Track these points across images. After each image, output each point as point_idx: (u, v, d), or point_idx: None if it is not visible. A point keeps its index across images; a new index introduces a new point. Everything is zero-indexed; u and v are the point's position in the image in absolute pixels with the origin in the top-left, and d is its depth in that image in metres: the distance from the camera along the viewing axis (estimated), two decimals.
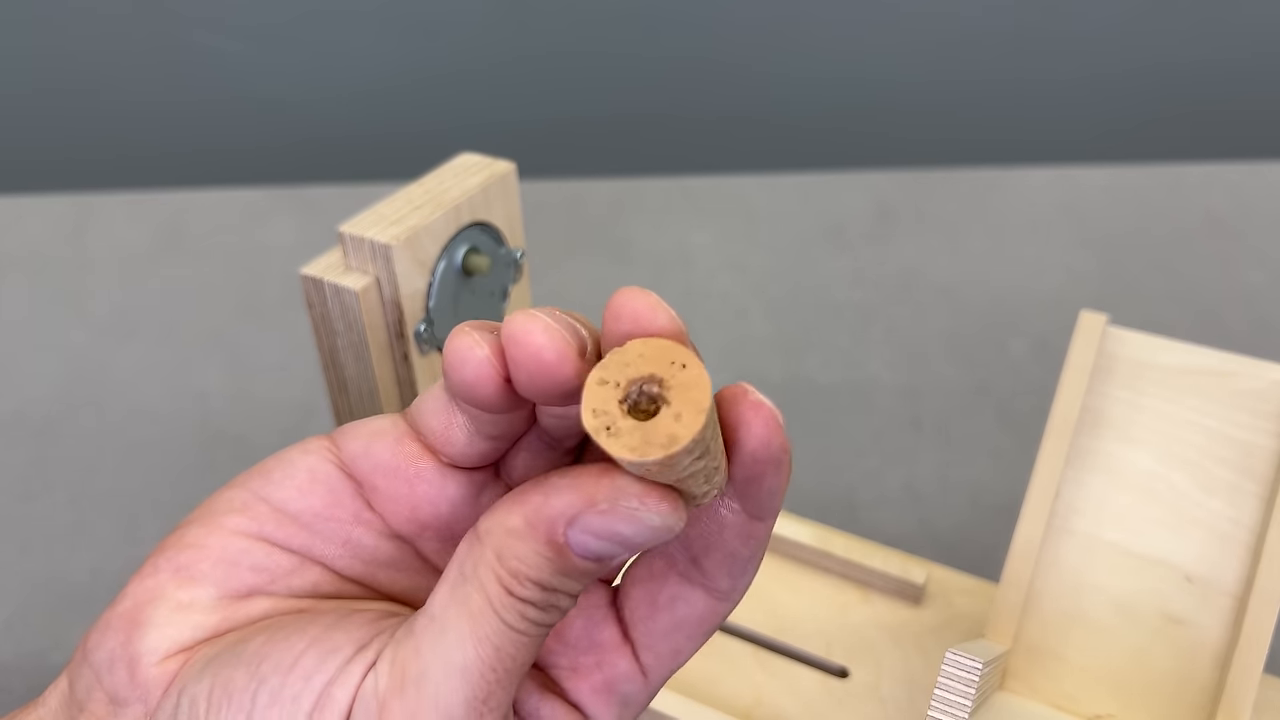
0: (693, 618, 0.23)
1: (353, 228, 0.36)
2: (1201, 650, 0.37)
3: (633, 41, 1.01)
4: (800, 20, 1.00)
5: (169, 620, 0.21)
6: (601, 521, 0.19)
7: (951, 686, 0.33)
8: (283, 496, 0.23)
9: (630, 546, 0.19)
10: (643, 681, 0.23)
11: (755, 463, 0.20)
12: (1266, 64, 1.02)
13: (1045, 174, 0.89)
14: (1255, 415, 0.37)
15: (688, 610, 0.23)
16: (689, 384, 0.18)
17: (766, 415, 0.20)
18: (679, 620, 0.23)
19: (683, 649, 0.23)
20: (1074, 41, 1.01)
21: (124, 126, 1.03)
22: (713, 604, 0.23)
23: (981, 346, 0.68)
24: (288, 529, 0.23)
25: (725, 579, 0.22)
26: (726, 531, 0.22)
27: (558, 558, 0.19)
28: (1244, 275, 0.75)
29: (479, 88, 1.03)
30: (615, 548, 0.19)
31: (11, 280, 0.77)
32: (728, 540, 0.22)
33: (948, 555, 0.52)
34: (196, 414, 0.63)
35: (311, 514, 0.23)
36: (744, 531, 0.22)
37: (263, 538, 0.23)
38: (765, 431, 0.20)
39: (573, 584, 0.20)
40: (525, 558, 0.19)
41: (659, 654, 0.23)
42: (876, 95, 1.04)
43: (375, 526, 0.23)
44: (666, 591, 0.23)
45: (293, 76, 1.01)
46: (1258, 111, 1.04)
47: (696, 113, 1.05)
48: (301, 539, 0.23)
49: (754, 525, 0.22)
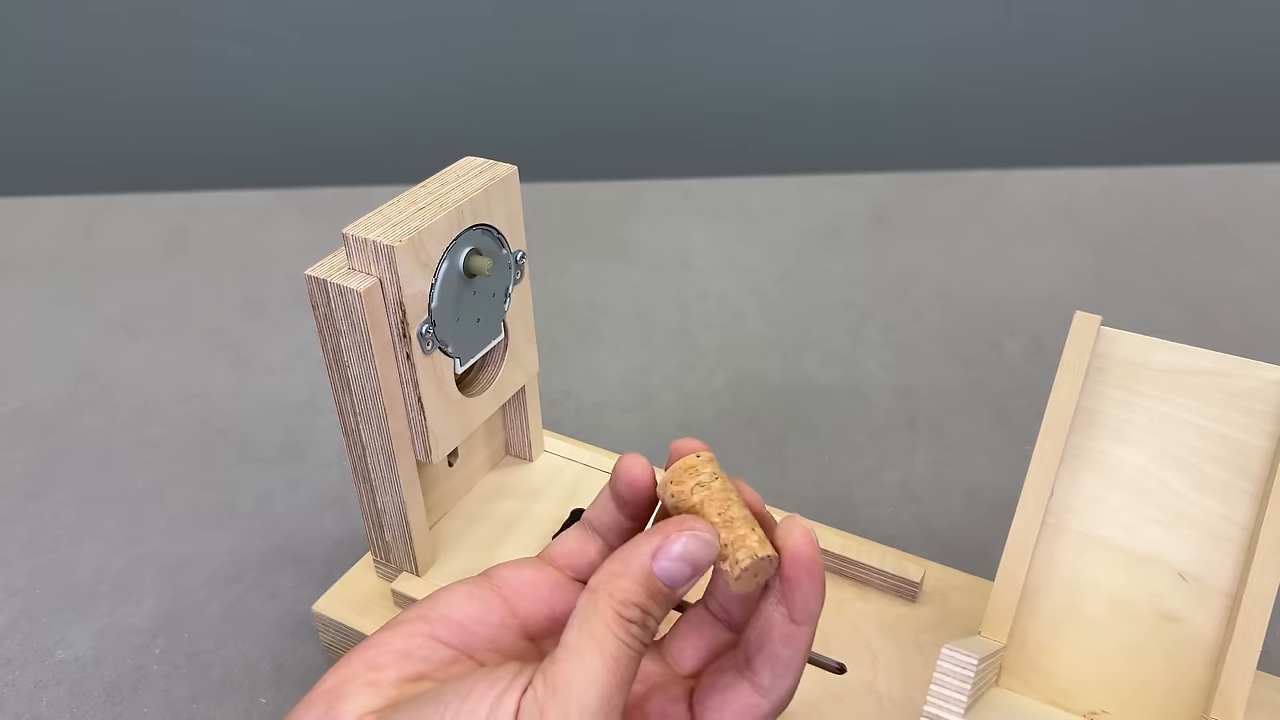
0: (739, 704, 0.30)
1: (357, 229, 0.37)
2: (1195, 647, 0.37)
3: (633, 47, 1.01)
4: (798, 25, 1.00)
5: (360, 692, 0.28)
6: (674, 547, 0.28)
7: (947, 682, 0.34)
8: (447, 609, 0.31)
9: (692, 561, 0.28)
10: None
11: (793, 565, 0.29)
12: (1258, 68, 1.02)
13: (1040, 176, 0.90)
14: (1248, 415, 0.38)
15: (736, 698, 0.30)
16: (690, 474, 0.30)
17: (804, 530, 0.29)
18: (729, 705, 0.30)
19: None
20: (1069, 46, 1.02)
21: (132, 130, 1.03)
22: (756, 698, 0.30)
23: (977, 347, 0.68)
24: (450, 630, 0.30)
25: (768, 676, 0.30)
26: (774, 632, 0.29)
27: (649, 583, 0.28)
28: (1237, 276, 0.75)
29: (481, 92, 1.03)
30: (684, 566, 0.28)
31: (20, 280, 0.77)
32: (774, 641, 0.30)
33: (944, 553, 0.53)
34: (202, 413, 0.64)
35: (469, 619, 0.31)
36: (786, 633, 0.29)
37: (431, 636, 0.30)
38: (803, 540, 0.29)
39: (658, 607, 0.28)
40: (628, 590, 0.27)
41: None
42: (873, 99, 1.04)
43: (515, 630, 0.31)
44: (724, 681, 0.31)
45: (299, 82, 1.02)
46: (1250, 114, 1.04)
47: (696, 116, 1.05)
48: (460, 638, 0.30)
49: (794, 629, 0.29)
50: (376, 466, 0.41)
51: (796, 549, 0.29)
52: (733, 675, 0.31)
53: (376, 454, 0.41)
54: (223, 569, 0.52)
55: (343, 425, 0.41)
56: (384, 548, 0.45)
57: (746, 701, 0.30)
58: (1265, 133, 1.05)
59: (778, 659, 0.30)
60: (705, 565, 0.28)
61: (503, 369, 0.45)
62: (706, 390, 0.65)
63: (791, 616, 0.29)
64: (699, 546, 0.28)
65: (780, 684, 0.30)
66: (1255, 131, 1.04)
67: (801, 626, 0.29)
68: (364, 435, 0.40)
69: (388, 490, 0.42)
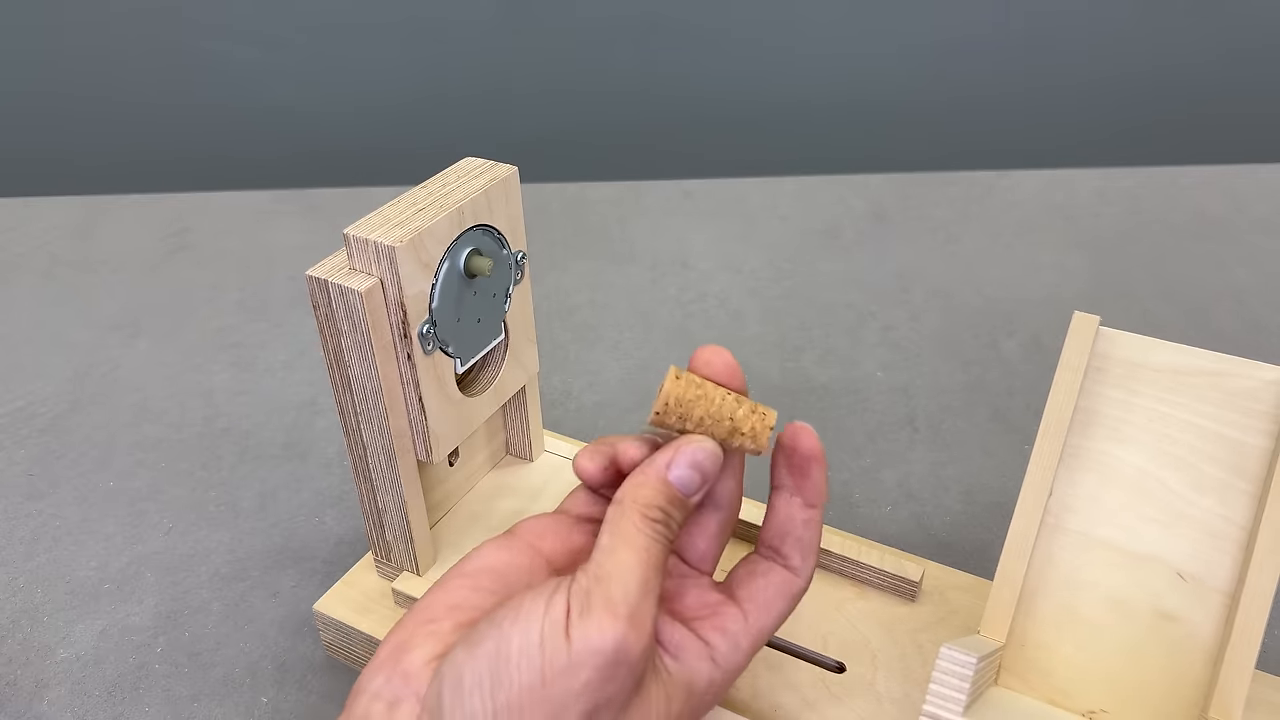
0: (776, 582, 0.35)
1: (358, 230, 0.37)
2: (1194, 647, 0.37)
3: (633, 49, 1.01)
4: (797, 26, 1.00)
5: (423, 643, 0.31)
6: (683, 457, 0.33)
7: (946, 681, 0.34)
8: (483, 562, 0.35)
9: (701, 468, 0.33)
10: (744, 622, 0.34)
11: (804, 459, 0.35)
12: (1254, 69, 1.02)
13: (1038, 177, 0.90)
14: (1246, 414, 0.38)
15: (775, 578, 0.35)
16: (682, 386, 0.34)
17: (807, 429, 0.35)
18: (768, 583, 0.35)
19: (772, 603, 0.35)
20: (1067, 47, 1.02)
21: (133, 130, 1.04)
22: (790, 576, 0.35)
23: (975, 346, 0.68)
24: (491, 579, 0.34)
25: (797, 557, 0.35)
26: (795, 519, 0.35)
27: (666, 489, 0.33)
28: (1234, 276, 0.75)
29: (482, 93, 1.03)
30: (694, 473, 0.33)
31: (21, 280, 0.78)
32: (797, 526, 0.35)
33: (942, 552, 0.53)
34: (203, 412, 0.64)
35: (505, 566, 0.34)
36: (806, 518, 0.35)
37: (475, 588, 0.33)
38: (808, 438, 0.35)
39: (677, 510, 0.33)
40: (649, 496, 0.32)
41: (756, 603, 0.35)
42: (872, 100, 1.05)
43: (544, 568, 0.35)
44: (760, 568, 0.36)
45: (300, 82, 1.02)
46: (1246, 115, 1.05)
47: (696, 117, 1.05)
48: (500, 584, 0.34)
49: (811, 513, 0.35)
50: (377, 466, 0.41)
51: (805, 447, 0.35)
52: (766, 563, 0.36)
53: (377, 453, 0.41)
54: (224, 568, 0.52)
55: (344, 425, 0.41)
56: (385, 547, 0.45)
57: (783, 578, 0.35)
58: (1261, 133, 1.05)
59: (803, 541, 0.35)
60: (712, 472, 0.33)
61: (503, 369, 0.45)
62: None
63: (807, 502, 0.35)
64: (705, 456, 0.33)
65: (808, 562, 0.35)
66: (1252, 132, 1.05)
67: (815, 510, 0.35)
68: (365, 435, 0.40)
69: (388, 490, 0.42)
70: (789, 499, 0.35)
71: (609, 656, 0.29)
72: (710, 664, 0.33)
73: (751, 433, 0.34)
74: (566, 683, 0.28)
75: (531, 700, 0.28)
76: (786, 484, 0.35)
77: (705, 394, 0.34)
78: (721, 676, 0.33)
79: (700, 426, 0.34)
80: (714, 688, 0.33)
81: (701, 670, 0.33)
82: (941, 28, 1.00)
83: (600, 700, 0.29)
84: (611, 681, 0.29)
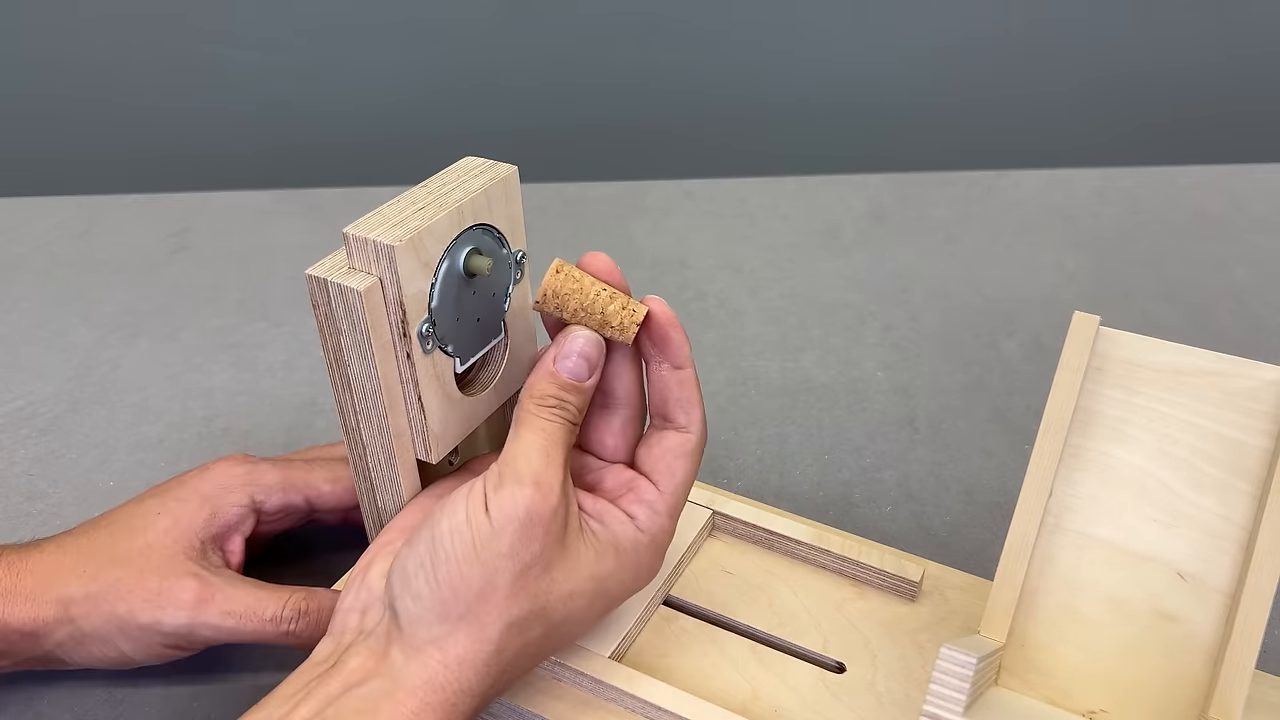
0: (672, 446, 0.39)
1: (357, 229, 0.37)
2: (1194, 647, 0.37)
3: (633, 48, 1.01)
4: (797, 27, 1.00)
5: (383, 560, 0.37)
6: (565, 349, 0.38)
7: (946, 681, 0.34)
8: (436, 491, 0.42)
9: (584, 355, 0.37)
10: (656, 492, 0.38)
11: (661, 327, 0.38)
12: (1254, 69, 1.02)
13: (1037, 177, 0.90)
14: (1246, 415, 0.38)
15: (666, 440, 0.39)
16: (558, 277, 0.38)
17: (659, 300, 0.38)
18: (664, 450, 0.39)
19: (674, 466, 0.39)
20: (1066, 48, 1.02)
21: (134, 131, 1.04)
22: (682, 436, 0.39)
23: (975, 346, 0.68)
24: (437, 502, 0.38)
25: (681, 415, 0.39)
26: (669, 382, 0.39)
27: (556, 379, 0.37)
28: (1233, 276, 0.75)
29: (482, 92, 1.03)
30: (579, 360, 0.37)
31: (22, 280, 0.77)
32: (671, 388, 0.39)
33: (942, 552, 0.53)
34: (203, 412, 0.64)
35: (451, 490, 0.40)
36: (677, 379, 0.39)
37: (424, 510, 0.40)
38: (660, 308, 0.38)
39: (571, 396, 0.37)
40: (541, 387, 0.37)
41: (660, 471, 0.39)
42: (872, 100, 1.05)
43: None
44: (652, 438, 0.40)
45: (300, 82, 1.02)
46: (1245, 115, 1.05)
47: (696, 117, 1.05)
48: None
49: (680, 373, 0.39)
50: (377, 465, 0.41)
51: (658, 316, 0.38)
52: (659, 432, 0.40)
53: (377, 453, 0.41)
54: None
55: (343, 424, 0.41)
56: None
57: (676, 440, 0.39)
58: (1261, 133, 1.05)
59: (681, 400, 0.39)
60: (595, 357, 0.38)
61: (503, 368, 0.45)
62: (706, 390, 0.65)
63: (674, 365, 0.39)
64: (583, 344, 0.37)
65: (693, 416, 0.39)
66: (1251, 132, 1.05)
67: (684, 370, 0.39)
68: (364, 434, 0.40)
69: (388, 489, 0.42)
70: (658, 367, 0.39)
71: (523, 519, 0.34)
72: (633, 529, 0.37)
73: (620, 325, 0.38)
74: (494, 547, 0.34)
75: (468, 569, 0.34)
76: (653, 354, 0.39)
77: (581, 288, 0.38)
78: (648, 539, 0.38)
79: (575, 317, 0.38)
80: (642, 547, 0.38)
81: (625, 533, 0.37)
82: (941, 28, 1.00)
83: (526, 559, 0.34)
84: (531, 541, 0.34)
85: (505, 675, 0.36)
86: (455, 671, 0.34)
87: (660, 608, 0.46)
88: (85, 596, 0.41)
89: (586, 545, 0.36)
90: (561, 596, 0.35)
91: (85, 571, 0.42)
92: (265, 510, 0.46)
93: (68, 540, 0.43)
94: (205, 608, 0.42)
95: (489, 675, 0.34)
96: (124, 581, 0.42)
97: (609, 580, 0.37)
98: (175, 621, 0.42)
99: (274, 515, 0.47)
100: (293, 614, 0.43)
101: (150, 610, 0.41)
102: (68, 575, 0.42)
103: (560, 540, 0.35)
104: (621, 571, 0.37)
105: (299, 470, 0.47)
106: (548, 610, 0.35)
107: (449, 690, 0.34)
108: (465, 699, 0.34)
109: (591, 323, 0.38)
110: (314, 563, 0.53)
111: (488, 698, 0.35)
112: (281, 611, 0.43)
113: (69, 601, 0.41)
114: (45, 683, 0.46)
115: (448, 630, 0.34)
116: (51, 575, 0.42)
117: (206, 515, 0.44)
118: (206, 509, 0.44)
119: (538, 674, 0.42)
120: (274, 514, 0.47)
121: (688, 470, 0.39)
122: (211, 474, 0.46)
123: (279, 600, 0.43)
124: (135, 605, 0.41)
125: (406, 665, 0.34)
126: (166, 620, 0.41)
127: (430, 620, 0.34)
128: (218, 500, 0.45)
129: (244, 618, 0.42)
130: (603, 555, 0.36)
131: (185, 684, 0.46)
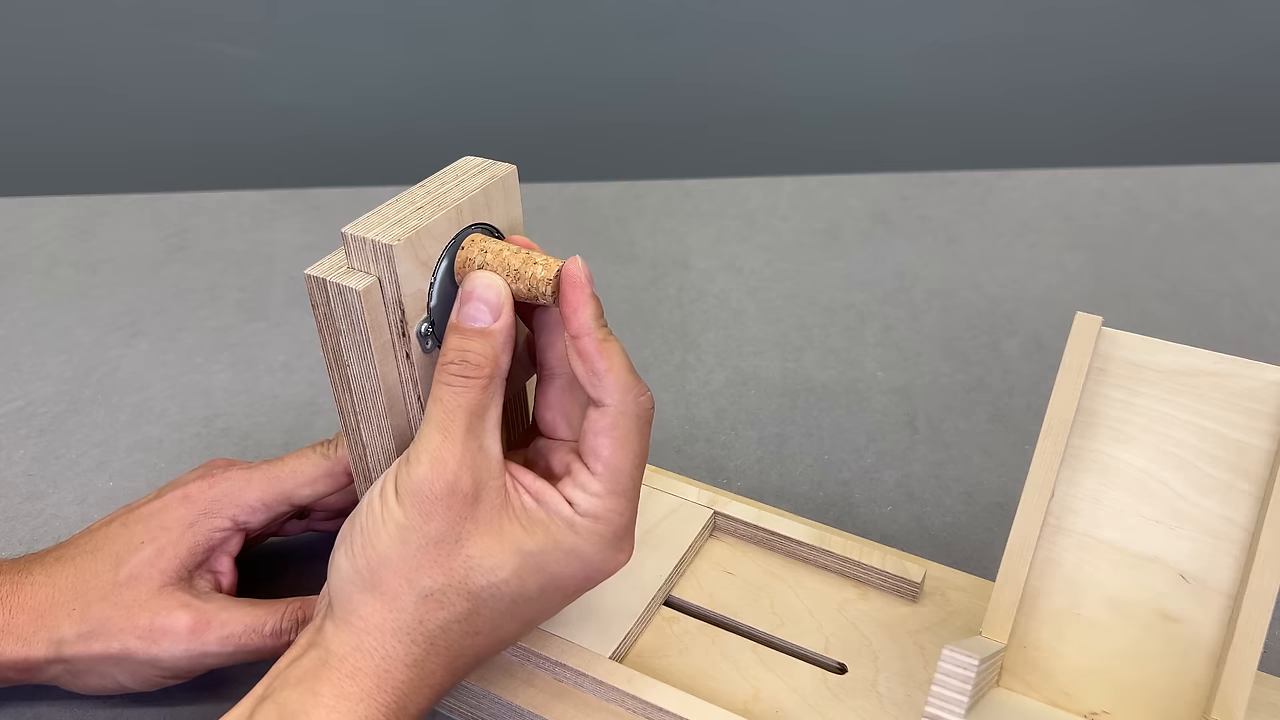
0: (591, 423, 0.37)
1: (355, 229, 0.37)
2: (1196, 648, 0.37)
3: (633, 48, 1.01)
4: (797, 27, 1.00)
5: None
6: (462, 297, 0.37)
7: (948, 683, 0.34)
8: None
9: (480, 297, 0.36)
10: (588, 473, 0.37)
11: (565, 287, 0.36)
12: (1255, 69, 1.02)
13: (1038, 177, 0.90)
14: (1249, 415, 0.38)
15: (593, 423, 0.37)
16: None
17: (577, 261, 0.36)
18: (589, 429, 0.37)
19: (597, 445, 0.36)
20: (1067, 47, 1.02)
21: (133, 130, 1.03)
22: (597, 412, 0.37)
23: (976, 346, 0.68)
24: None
25: (591, 389, 0.36)
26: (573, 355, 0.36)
27: (458, 331, 0.37)
28: (1234, 276, 0.75)
29: (481, 92, 1.03)
30: (479, 304, 0.36)
31: (21, 280, 0.77)
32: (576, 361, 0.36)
33: (943, 553, 0.53)
34: (203, 412, 0.63)
35: None
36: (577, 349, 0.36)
37: None
38: (572, 267, 0.36)
39: (473, 343, 0.36)
40: (447, 348, 0.37)
41: (588, 452, 0.37)
42: (872, 100, 1.05)
43: None
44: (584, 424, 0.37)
45: (299, 82, 1.02)
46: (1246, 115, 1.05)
47: (696, 116, 1.05)
48: None
49: (578, 343, 0.36)
50: (377, 465, 0.41)
51: (566, 273, 0.36)
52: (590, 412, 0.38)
53: (377, 453, 0.41)
54: None
55: (343, 424, 0.41)
56: None
57: (592, 416, 0.37)
58: (1261, 133, 1.05)
59: (584, 372, 0.36)
60: (493, 299, 0.36)
61: None
62: (706, 390, 0.65)
63: (570, 330, 0.36)
64: (477, 285, 0.37)
65: (601, 387, 0.36)
66: (1252, 132, 1.05)
67: (580, 339, 0.36)
68: (364, 434, 0.40)
69: None
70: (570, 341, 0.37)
71: (417, 496, 0.35)
72: (569, 510, 0.37)
73: (530, 279, 0.36)
74: (396, 522, 0.35)
75: (384, 548, 0.35)
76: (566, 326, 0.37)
77: (493, 252, 0.37)
78: (589, 520, 0.37)
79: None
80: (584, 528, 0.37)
81: (562, 512, 0.36)
82: (942, 28, 1.00)
83: (430, 533, 0.35)
84: (431, 517, 0.35)
85: (439, 648, 0.36)
86: (377, 638, 0.35)
87: (661, 608, 0.45)
88: (78, 637, 0.41)
89: (512, 520, 0.36)
90: (483, 570, 0.35)
91: (75, 610, 0.42)
92: (250, 527, 0.46)
93: (58, 570, 0.43)
94: (201, 635, 0.42)
95: (415, 644, 0.35)
96: (115, 621, 0.42)
97: (544, 557, 0.36)
98: (173, 654, 0.42)
99: (260, 528, 0.47)
100: (291, 624, 0.43)
101: (145, 647, 0.42)
102: (59, 614, 0.42)
103: (471, 514, 0.35)
104: (560, 550, 0.36)
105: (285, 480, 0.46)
106: (468, 583, 0.35)
107: (376, 656, 0.35)
108: (398, 666, 0.35)
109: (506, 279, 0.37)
110: (306, 570, 0.52)
111: (428, 670, 0.36)
112: (280, 624, 0.43)
113: (61, 642, 0.41)
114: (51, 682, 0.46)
115: (364, 600, 0.35)
116: (43, 613, 0.42)
117: (190, 544, 0.44)
118: (189, 537, 0.44)
119: (539, 674, 0.42)
120: (260, 528, 0.47)
121: (613, 447, 0.37)
122: (193, 498, 0.45)
123: (276, 614, 0.43)
124: (129, 644, 0.42)
125: (336, 634, 0.36)
126: (163, 655, 0.42)
127: (350, 591, 0.36)
128: (199, 527, 0.44)
129: (244, 637, 0.42)
130: (532, 531, 0.36)
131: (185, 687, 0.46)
